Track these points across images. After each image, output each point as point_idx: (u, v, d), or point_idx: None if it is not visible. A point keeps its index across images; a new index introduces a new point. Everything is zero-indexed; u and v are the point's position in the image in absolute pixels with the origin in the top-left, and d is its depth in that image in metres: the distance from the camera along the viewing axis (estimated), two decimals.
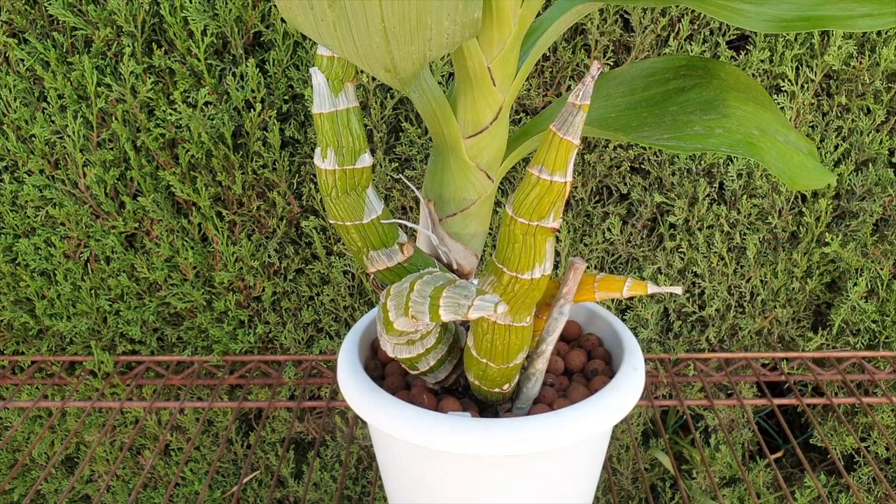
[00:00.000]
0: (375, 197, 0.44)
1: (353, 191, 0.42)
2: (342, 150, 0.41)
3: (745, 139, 0.37)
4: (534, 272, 0.40)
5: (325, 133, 0.41)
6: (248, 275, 0.83)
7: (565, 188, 0.37)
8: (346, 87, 0.40)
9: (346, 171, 0.42)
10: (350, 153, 0.41)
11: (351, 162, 0.41)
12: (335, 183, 0.42)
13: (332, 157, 0.41)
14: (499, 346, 0.44)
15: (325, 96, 0.40)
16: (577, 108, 0.36)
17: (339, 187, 0.42)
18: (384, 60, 0.34)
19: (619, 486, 0.94)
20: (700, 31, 0.76)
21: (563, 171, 0.37)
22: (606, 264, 0.85)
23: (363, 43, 0.34)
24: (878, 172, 0.79)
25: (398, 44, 0.33)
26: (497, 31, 0.39)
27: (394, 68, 0.34)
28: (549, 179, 0.37)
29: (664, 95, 0.43)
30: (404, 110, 0.79)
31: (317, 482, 0.93)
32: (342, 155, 0.41)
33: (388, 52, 0.34)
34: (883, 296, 0.83)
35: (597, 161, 0.80)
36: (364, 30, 0.33)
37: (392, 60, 0.34)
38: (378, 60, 0.34)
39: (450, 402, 0.47)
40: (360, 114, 0.41)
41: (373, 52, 0.34)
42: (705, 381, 0.82)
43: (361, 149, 0.41)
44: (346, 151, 0.41)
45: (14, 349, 0.88)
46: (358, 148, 0.41)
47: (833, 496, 0.92)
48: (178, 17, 0.73)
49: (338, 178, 0.42)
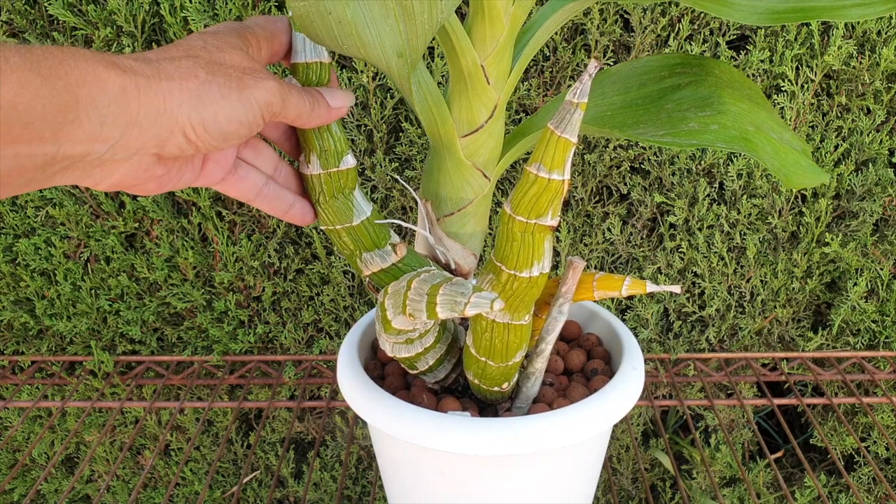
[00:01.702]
0: (363, 199, 0.44)
1: (340, 194, 0.43)
2: (325, 154, 0.42)
3: (741, 135, 0.38)
4: (532, 270, 0.40)
5: (307, 138, 0.42)
6: (248, 275, 0.83)
7: (563, 186, 0.38)
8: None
9: (331, 174, 0.42)
10: (333, 156, 0.42)
11: (335, 164, 0.42)
12: (322, 188, 0.43)
13: (315, 161, 0.42)
14: (498, 344, 0.44)
15: None
16: (574, 106, 0.36)
17: (326, 191, 0.43)
18: (397, 43, 0.35)
19: (619, 486, 0.94)
20: (700, 31, 0.76)
21: (561, 168, 0.37)
22: (606, 264, 0.85)
23: (378, 30, 0.35)
24: (878, 172, 0.79)
25: (411, 18, 0.34)
26: (489, 29, 0.39)
27: (406, 50, 0.35)
28: (547, 177, 0.37)
29: (659, 93, 0.43)
30: (404, 110, 0.79)
31: (317, 482, 0.93)
32: (325, 159, 0.42)
33: (400, 33, 0.34)
34: (883, 296, 0.83)
35: (597, 161, 0.80)
36: (380, 12, 0.34)
37: (405, 41, 0.35)
38: (392, 45, 0.35)
39: (449, 401, 0.47)
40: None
41: (388, 36, 0.35)
42: (705, 381, 0.82)
43: (344, 150, 0.42)
44: (328, 155, 0.42)
45: (14, 349, 0.88)
46: (340, 150, 0.42)
47: (833, 496, 0.92)
48: (178, 17, 0.73)
49: (324, 183, 0.43)
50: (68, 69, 0.29)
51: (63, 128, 0.29)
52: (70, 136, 0.29)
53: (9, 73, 0.27)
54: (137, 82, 0.31)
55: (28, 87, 0.28)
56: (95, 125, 0.30)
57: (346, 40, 0.35)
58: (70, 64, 0.29)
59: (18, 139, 0.28)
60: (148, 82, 0.31)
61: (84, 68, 0.30)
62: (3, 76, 0.27)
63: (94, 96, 0.30)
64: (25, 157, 0.29)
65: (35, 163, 0.29)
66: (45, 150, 0.29)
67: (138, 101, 0.31)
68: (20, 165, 0.29)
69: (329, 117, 0.40)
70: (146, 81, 0.31)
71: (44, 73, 0.28)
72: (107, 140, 0.31)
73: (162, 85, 0.32)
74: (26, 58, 0.28)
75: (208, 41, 0.36)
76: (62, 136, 0.29)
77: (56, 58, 0.29)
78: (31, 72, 0.28)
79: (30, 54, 0.28)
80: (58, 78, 0.29)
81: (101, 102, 0.30)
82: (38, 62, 0.28)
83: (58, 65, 0.29)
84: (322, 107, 0.39)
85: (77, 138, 0.30)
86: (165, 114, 0.32)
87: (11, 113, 0.27)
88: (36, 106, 0.28)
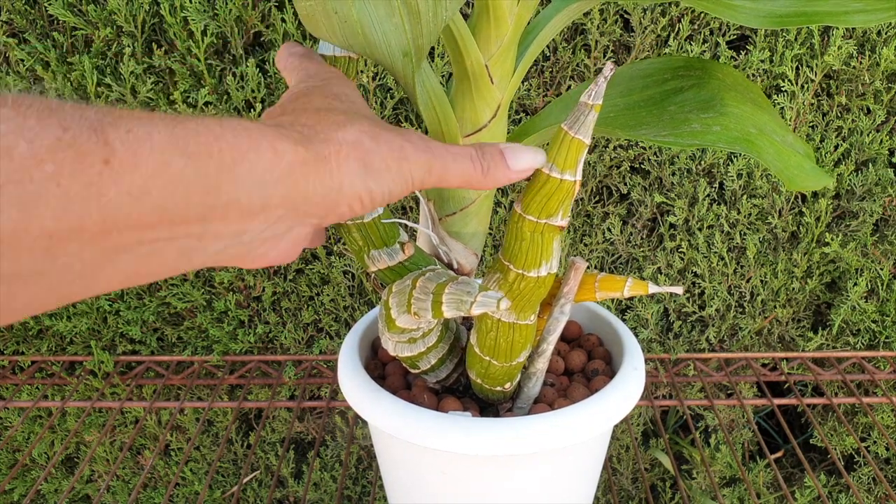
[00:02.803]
0: None
1: None
2: None
3: (743, 137, 0.38)
4: (540, 270, 0.40)
5: None
6: (248, 275, 0.83)
7: (575, 187, 0.38)
8: None
9: None
10: None
11: None
12: None
13: None
14: (502, 343, 0.43)
15: None
16: (589, 108, 0.36)
17: None
18: (403, 42, 0.35)
19: (619, 486, 0.94)
20: (700, 32, 0.76)
21: (574, 169, 0.37)
22: (606, 264, 0.85)
23: (384, 29, 0.34)
24: (878, 172, 0.80)
25: (416, 17, 0.34)
26: (494, 29, 0.39)
27: (412, 49, 0.35)
28: (560, 178, 0.37)
29: (662, 95, 0.43)
30: (404, 110, 0.79)
31: (317, 482, 0.93)
32: None
33: (406, 32, 0.34)
34: (883, 296, 0.83)
35: (597, 161, 0.80)
36: (385, 11, 0.34)
37: (410, 40, 0.35)
38: (398, 44, 0.35)
39: (450, 401, 0.47)
40: None
41: (393, 35, 0.35)
42: (705, 381, 0.82)
43: None
44: None
45: (14, 349, 0.88)
46: None
47: (833, 496, 0.92)
48: (178, 17, 0.73)
49: None
50: (224, 145, 0.26)
51: (213, 210, 0.26)
52: (224, 216, 0.27)
53: (146, 155, 0.24)
54: (306, 158, 0.29)
55: (168, 168, 0.25)
56: (257, 206, 0.28)
57: (352, 39, 0.35)
58: (228, 140, 0.27)
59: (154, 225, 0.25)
60: (317, 159, 0.29)
61: (245, 144, 0.27)
62: (139, 159, 0.24)
63: (256, 175, 0.27)
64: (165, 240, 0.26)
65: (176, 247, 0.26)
66: (190, 230, 0.26)
67: (306, 180, 0.29)
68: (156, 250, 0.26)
69: (507, 181, 0.36)
70: (314, 158, 0.29)
71: (191, 151, 0.26)
72: (268, 219, 0.29)
73: (331, 161, 0.30)
74: (173, 134, 0.25)
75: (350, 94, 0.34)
76: (212, 216, 0.27)
77: (212, 132, 0.26)
78: (174, 152, 0.25)
79: (180, 128, 0.26)
80: (209, 157, 0.26)
81: (267, 182, 0.28)
82: (185, 138, 0.26)
83: (213, 141, 0.26)
84: (499, 170, 0.35)
85: (231, 218, 0.27)
86: (336, 189, 0.30)
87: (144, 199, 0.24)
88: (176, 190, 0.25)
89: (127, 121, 0.25)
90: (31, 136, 0.22)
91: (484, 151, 0.35)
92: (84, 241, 0.24)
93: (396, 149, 0.32)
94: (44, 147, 0.22)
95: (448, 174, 0.34)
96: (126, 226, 0.24)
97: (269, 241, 0.30)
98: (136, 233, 0.25)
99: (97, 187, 0.23)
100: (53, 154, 0.22)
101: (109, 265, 0.25)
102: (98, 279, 0.25)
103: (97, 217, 0.23)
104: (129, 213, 0.24)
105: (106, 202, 0.23)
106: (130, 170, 0.24)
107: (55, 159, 0.22)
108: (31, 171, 0.22)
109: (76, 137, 0.23)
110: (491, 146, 0.35)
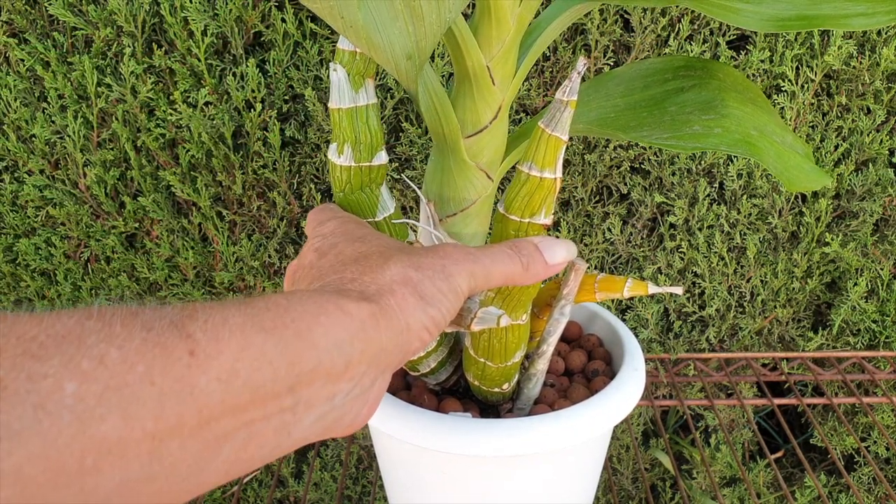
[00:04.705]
0: (388, 195, 0.43)
1: (366, 188, 0.42)
2: (359, 147, 0.40)
3: (744, 139, 0.38)
4: None
5: (343, 129, 0.40)
6: (249, 275, 0.83)
7: (555, 184, 0.38)
8: (366, 83, 0.39)
9: (361, 167, 0.41)
10: (367, 150, 0.40)
11: (367, 159, 0.41)
12: (349, 179, 0.41)
13: (348, 153, 0.40)
14: (496, 344, 0.44)
15: (345, 91, 0.39)
16: (564, 104, 0.36)
17: (354, 183, 0.41)
18: (407, 45, 0.35)
19: (619, 486, 0.94)
20: (700, 32, 0.76)
21: (553, 167, 0.37)
22: (606, 264, 0.85)
23: (388, 33, 0.34)
24: (878, 172, 0.80)
25: (419, 19, 0.34)
26: (496, 30, 0.39)
27: (416, 51, 0.35)
28: (539, 176, 0.37)
29: (663, 95, 0.43)
30: (404, 110, 0.79)
31: (317, 482, 0.94)
32: (359, 151, 0.40)
33: (410, 35, 0.34)
34: (883, 296, 0.83)
35: (597, 161, 0.80)
36: (389, 15, 0.34)
37: (414, 43, 0.35)
38: (401, 47, 0.35)
39: (451, 402, 0.47)
40: (378, 111, 0.40)
41: (398, 39, 0.35)
42: (705, 381, 0.82)
43: (378, 146, 0.41)
44: (363, 148, 0.40)
45: None
46: (375, 145, 0.41)
47: (833, 496, 0.92)
48: (179, 17, 0.73)
49: (352, 175, 0.41)
50: (295, 315, 0.27)
51: (300, 379, 0.27)
52: (310, 382, 0.27)
53: (227, 339, 0.25)
54: (372, 311, 0.30)
55: (250, 347, 0.25)
56: (340, 366, 0.28)
57: (358, 43, 0.35)
58: (297, 309, 0.27)
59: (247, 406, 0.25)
60: (382, 309, 0.30)
61: (314, 310, 0.28)
62: (221, 344, 0.25)
63: (332, 337, 0.28)
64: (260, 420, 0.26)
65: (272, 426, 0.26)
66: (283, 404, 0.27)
67: (378, 331, 0.30)
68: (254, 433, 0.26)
69: (546, 275, 0.37)
70: (380, 309, 0.30)
71: (267, 326, 0.26)
72: (353, 377, 0.29)
73: (393, 306, 0.31)
74: (246, 314, 0.26)
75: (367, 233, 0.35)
76: (300, 385, 0.27)
77: (280, 305, 0.27)
78: (252, 330, 0.26)
79: (250, 308, 0.26)
80: (285, 328, 0.27)
81: (344, 341, 0.28)
82: (258, 315, 0.26)
83: (284, 312, 0.27)
84: (538, 265, 0.37)
85: (318, 384, 0.28)
86: (405, 330, 0.31)
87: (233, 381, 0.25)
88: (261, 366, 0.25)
89: (202, 311, 0.25)
90: (120, 342, 0.23)
91: (520, 248, 0.37)
92: (185, 436, 0.24)
93: (440, 270, 0.33)
94: (132, 350, 0.23)
95: (491, 276, 0.35)
96: (221, 412, 0.25)
97: (359, 398, 0.30)
98: (231, 418, 0.25)
99: (188, 379, 0.24)
100: (142, 355, 0.23)
101: (213, 458, 0.25)
102: (206, 474, 0.25)
103: (193, 409, 0.24)
104: (222, 398, 0.25)
105: (199, 393, 0.24)
106: (215, 355, 0.25)
107: (144, 360, 0.23)
108: (126, 376, 0.23)
109: (160, 335, 0.24)
110: (524, 242, 0.37)
